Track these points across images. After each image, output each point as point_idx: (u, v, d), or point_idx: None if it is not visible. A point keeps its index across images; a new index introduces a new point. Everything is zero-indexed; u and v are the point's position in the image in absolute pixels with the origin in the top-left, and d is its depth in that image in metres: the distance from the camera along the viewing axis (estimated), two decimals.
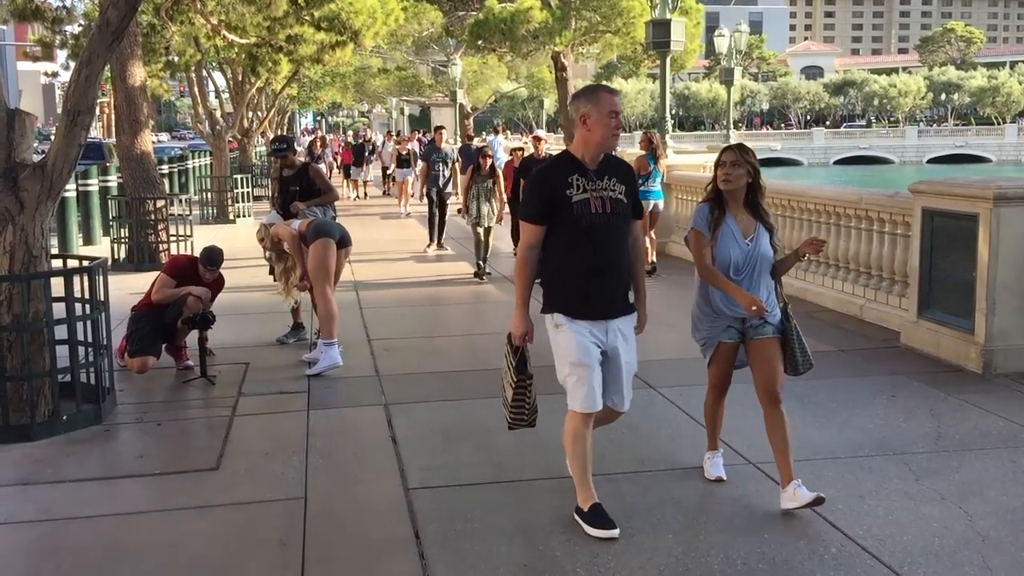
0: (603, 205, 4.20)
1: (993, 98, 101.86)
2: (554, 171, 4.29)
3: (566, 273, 4.27)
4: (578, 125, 4.22)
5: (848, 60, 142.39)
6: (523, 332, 4.39)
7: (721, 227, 4.62)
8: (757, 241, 4.64)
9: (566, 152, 4.34)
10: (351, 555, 4.27)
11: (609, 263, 4.27)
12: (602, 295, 4.28)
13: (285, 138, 9.12)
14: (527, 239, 4.31)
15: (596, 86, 4.36)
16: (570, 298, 4.29)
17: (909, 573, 3.97)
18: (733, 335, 4.75)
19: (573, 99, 4.29)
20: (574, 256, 4.24)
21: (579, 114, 4.20)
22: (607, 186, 4.25)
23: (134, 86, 13.64)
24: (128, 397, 6.79)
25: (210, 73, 25.09)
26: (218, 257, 7.61)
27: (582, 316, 4.27)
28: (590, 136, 4.21)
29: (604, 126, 4.17)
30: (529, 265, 4.32)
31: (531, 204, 4.29)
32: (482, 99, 48.96)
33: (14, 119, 5.99)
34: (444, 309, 10.60)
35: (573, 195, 4.18)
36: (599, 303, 4.28)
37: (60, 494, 5.03)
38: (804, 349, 4.73)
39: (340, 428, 6.11)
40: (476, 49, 30.66)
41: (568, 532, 4.39)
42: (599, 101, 4.19)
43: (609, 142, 4.22)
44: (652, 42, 15.34)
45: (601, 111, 4.16)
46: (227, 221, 20.25)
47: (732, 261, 4.59)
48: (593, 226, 4.20)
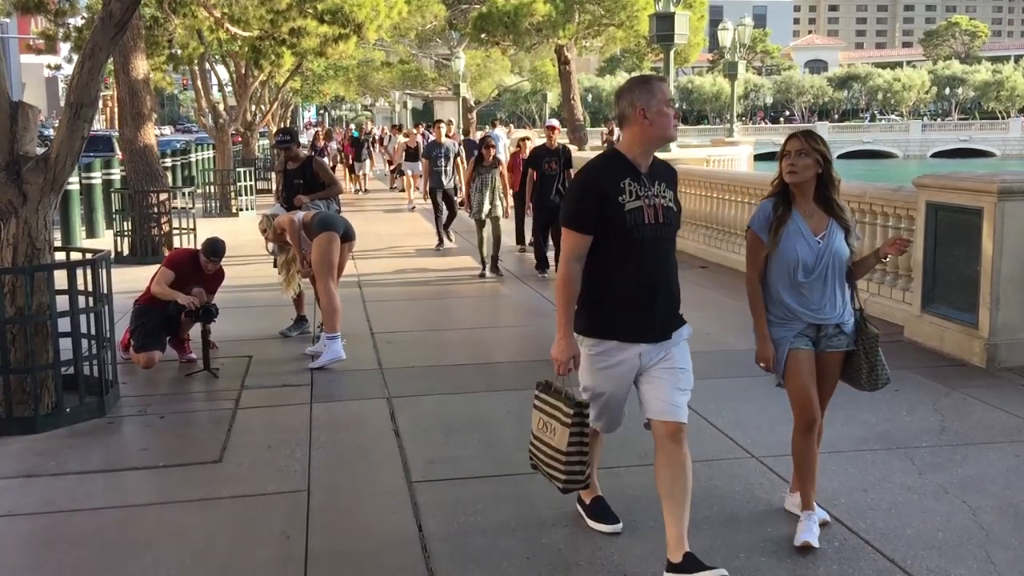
0: (656, 215, 3.74)
1: (997, 92, 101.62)
2: (605, 172, 3.78)
3: (609, 291, 3.78)
4: (632, 121, 3.74)
5: (852, 54, 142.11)
6: (569, 356, 3.80)
7: (786, 225, 4.14)
8: (830, 239, 4.16)
9: (614, 151, 3.85)
10: (354, 548, 4.27)
11: (660, 280, 3.79)
12: (650, 316, 3.78)
13: (289, 130, 9.11)
14: (571, 250, 3.75)
15: (645, 76, 3.91)
16: (611, 320, 3.79)
17: (912, 567, 3.97)
18: (808, 343, 4.20)
19: (623, 94, 3.79)
20: (621, 272, 3.74)
21: (634, 108, 3.72)
22: (658, 192, 3.78)
23: (137, 79, 13.63)
24: (131, 390, 6.80)
25: (213, 66, 25.09)
26: (220, 248, 7.60)
27: (627, 339, 3.78)
28: (651, 131, 3.73)
29: (665, 117, 3.73)
30: (574, 280, 3.76)
31: (579, 210, 3.73)
32: (485, 93, 48.94)
33: (17, 112, 5.99)
34: (447, 302, 10.60)
35: (626, 202, 3.69)
36: (647, 325, 3.78)
37: (63, 486, 5.04)
38: (875, 364, 4.26)
39: (343, 421, 6.11)
40: (479, 42, 30.68)
41: (571, 525, 4.39)
42: (655, 91, 3.73)
43: (671, 134, 3.79)
44: (656, 35, 15.32)
45: (660, 101, 3.72)
46: (230, 214, 20.25)
47: (800, 262, 4.12)
48: (646, 239, 3.72)
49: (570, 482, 3.87)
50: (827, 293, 4.16)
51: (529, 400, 6.36)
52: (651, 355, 3.81)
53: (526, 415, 6.05)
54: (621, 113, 3.80)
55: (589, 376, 3.90)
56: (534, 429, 3.98)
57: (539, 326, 9.05)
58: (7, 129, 5.93)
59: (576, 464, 3.79)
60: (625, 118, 3.78)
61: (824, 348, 4.22)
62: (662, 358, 3.82)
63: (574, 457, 3.79)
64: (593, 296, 3.79)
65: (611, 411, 3.99)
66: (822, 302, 4.16)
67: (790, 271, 4.13)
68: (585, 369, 3.88)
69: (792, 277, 4.13)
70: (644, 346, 3.79)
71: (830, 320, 4.18)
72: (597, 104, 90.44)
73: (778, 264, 4.15)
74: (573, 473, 3.83)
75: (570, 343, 3.79)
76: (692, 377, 3.89)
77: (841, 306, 4.19)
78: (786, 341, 4.18)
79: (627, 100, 3.76)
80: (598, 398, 3.93)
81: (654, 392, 3.82)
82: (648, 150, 3.79)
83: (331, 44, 17.29)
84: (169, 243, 13.76)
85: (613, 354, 3.81)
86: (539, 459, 3.98)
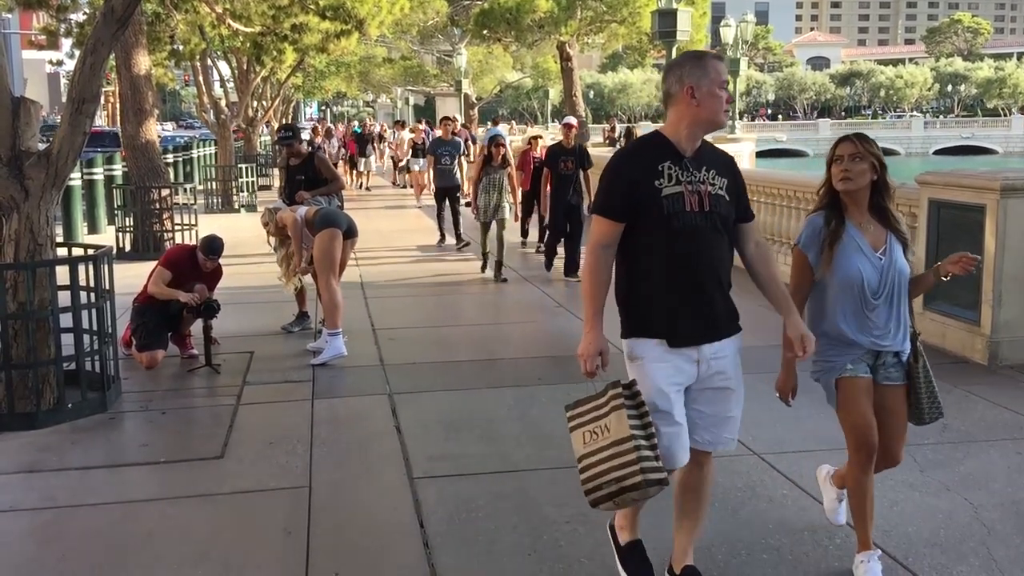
0: (700, 202, 3.34)
1: (1000, 89, 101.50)
2: (641, 155, 3.43)
3: (648, 287, 3.39)
4: (678, 100, 3.36)
5: (854, 51, 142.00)
6: (596, 352, 3.36)
7: (841, 240, 3.69)
8: (891, 254, 3.72)
9: (657, 133, 3.48)
10: (356, 543, 4.27)
11: (706, 274, 3.38)
12: (698, 315, 3.37)
13: (291, 126, 9.12)
14: (600, 237, 3.39)
15: (699, 53, 3.48)
16: (652, 320, 3.39)
17: (914, 564, 3.97)
18: (866, 369, 3.76)
19: (673, 69, 3.41)
20: (661, 265, 3.35)
21: (683, 86, 3.33)
22: (705, 178, 3.38)
23: (139, 75, 13.62)
24: (133, 385, 6.80)
25: (215, 62, 25.07)
26: (219, 246, 7.59)
27: (670, 343, 3.36)
28: (699, 112, 3.33)
29: (716, 99, 3.33)
30: (603, 267, 3.38)
31: (609, 194, 3.39)
32: (487, 89, 48.93)
33: (19, 107, 5.98)
34: (449, 299, 10.60)
35: (663, 187, 3.32)
36: (693, 326, 3.37)
37: (65, 482, 5.04)
38: (934, 394, 3.84)
39: (345, 417, 6.11)
40: (481, 39, 30.63)
41: (572, 522, 4.39)
42: (708, 69, 3.34)
43: (721, 119, 3.39)
44: (658, 32, 15.34)
45: (712, 81, 3.33)
46: (232, 210, 20.25)
47: (866, 282, 3.66)
48: (687, 228, 3.32)
49: (648, 471, 3.16)
50: (892, 316, 3.72)
51: (531, 397, 6.41)
52: (708, 363, 3.40)
53: (528, 412, 6.10)
54: (667, 91, 3.42)
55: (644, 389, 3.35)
56: (580, 451, 3.32)
57: (541, 322, 9.05)
58: (9, 125, 5.92)
59: (647, 449, 3.18)
60: (671, 96, 3.40)
61: (881, 380, 3.79)
62: (713, 371, 3.42)
63: (642, 440, 3.19)
64: (632, 292, 3.44)
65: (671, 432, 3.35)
66: (887, 326, 3.72)
67: (855, 292, 3.66)
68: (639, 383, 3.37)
69: (858, 300, 3.66)
70: (701, 349, 3.39)
71: (892, 347, 3.75)
72: (599, 101, 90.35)
73: (837, 286, 3.68)
74: (646, 459, 3.16)
75: (597, 337, 3.37)
76: (743, 394, 3.56)
77: (904, 331, 3.77)
78: (839, 366, 3.75)
79: (675, 76, 3.38)
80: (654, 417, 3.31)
81: (704, 420, 3.46)
82: (694, 133, 3.39)
83: (333, 40, 17.27)
84: (174, 238, 13.76)
85: (663, 357, 3.37)
86: (600, 477, 3.23)
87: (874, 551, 3.85)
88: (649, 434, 3.22)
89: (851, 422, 3.76)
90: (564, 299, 10.03)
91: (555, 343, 8.24)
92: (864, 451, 3.74)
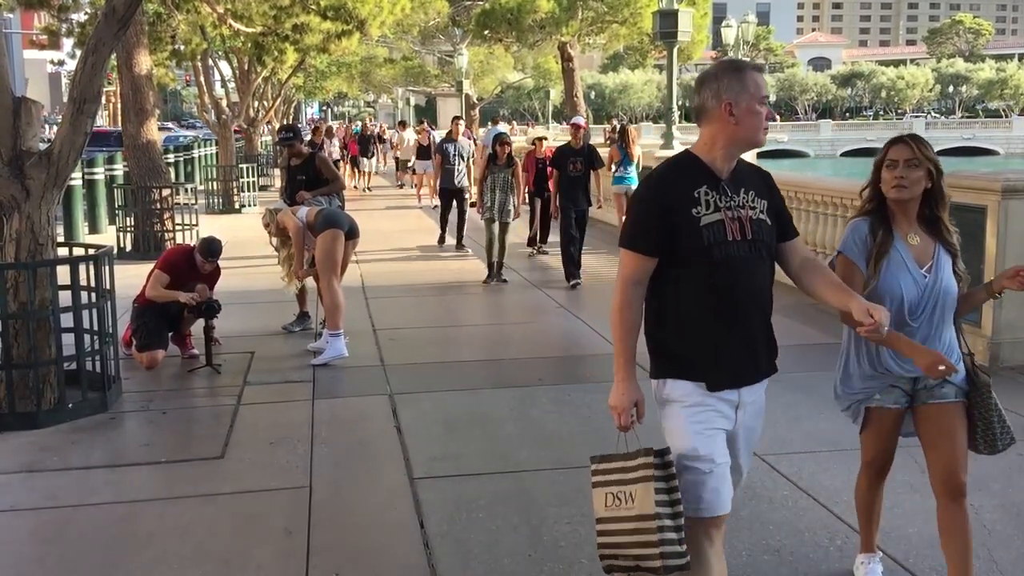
0: (742, 229, 3.01)
1: (1001, 90, 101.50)
2: (674, 180, 3.06)
3: (685, 323, 3.04)
4: (714, 117, 3.03)
5: (856, 52, 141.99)
6: (631, 404, 3.04)
7: (888, 254, 3.37)
8: (938, 271, 3.39)
9: (688, 154, 3.14)
10: (356, 544, 4.27)
11: (750, 308, 3.05)
12: (740, 354, 3.04)
13: (292, 127, 9.14)
14: (630, 272, 3.04)
15: (738, 64, 3.11)
16: (689, 360, 3.04)
17: (914, 565, 3.97)
18: (899, 398, 3.48)
19: (708, 82, 3.05)
20: (699, 299, 3.01)
21: (720, 102, 2.99)
22: (745, 202, 3.06)
23: (140, 74, 13.63)
24: (133, 385, 6.80)
25: (216, 62, 25.09)
26: (217, 248, 7.58)
27: (710, 385, 3.02)
28: (736, 131, 3.00)
29: (756, 116, 3.00)
30: (634, 307, 3.05)
31: (640, 226, 3.04)
32: (488, 89, 48.93)
33: (20, 107, 5.99)
34: (450, 299, 10.59)
35: (702, 215, 2.98)
36: (736, 366, 3.04)
37: (65, 481, 5.04)
38: (1003, 417, 3.48)
39: (345, 417, 6.11)
40: (482, 39, 30.67)
41: (573, 523, 4.39)
42: (748, 83, 3.00)
43: (760, 138, 3.05)
44: (659, 32, 15.31)
45: (753, 96, 2.99)
46: (233, 210, 20.26)
47: (905, 301, 3.34)
48: (730, 259, 2.98)
49: (668, 556, 2.87)
50: (932, 338, 3.38)
51: (532, 397, 6.41)
52: (746, 408, 3.10)
53: (528, 412, 6.10)
54: (701, 105, 3.07)
55: (679, 432, 3.04)
56: (601, 513, 3.04)
57: (542, 323, 9.05)
58: (10, 125, 5.93)
59: (671, 531, 2.88)
60: (705, 112, 3.06)
61: (925, 400, 3.45)
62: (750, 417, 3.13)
63: (667, 520, 2.88)
64: (665, 329, 3.09)
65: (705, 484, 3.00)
66: None
67: (892, 313, 3.23)
68: (672, 430, 3.07)
69: (893, 320, 3.22)
70: (741, 393, 3.06)
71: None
72: (600, 101, 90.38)
73: (875, 301, 3.22)
74: (668, 543, 2.87)
75: (630, 387, 3.04)
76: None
77: (948, 354, 3.37)
78: (868, 396, 3.48)
79: (711, 90, 3.03)
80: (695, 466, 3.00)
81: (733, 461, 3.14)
82: (731, 153, 3.06)
83: (334, 40, 17.28)
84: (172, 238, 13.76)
85: (702, 400, 3.03)
86: (618, 547, 3.00)
87: (876, 553, 3.81)
88: (676, 512, 2.92)
89: (872, 450, 3.62)
90: (565, 300, 10.02)
91: (556, 343, 8.25)
92: (875, 468, 3.66)
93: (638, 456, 2.96)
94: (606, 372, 3.34)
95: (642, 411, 3.07)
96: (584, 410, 6.08)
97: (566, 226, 10.95)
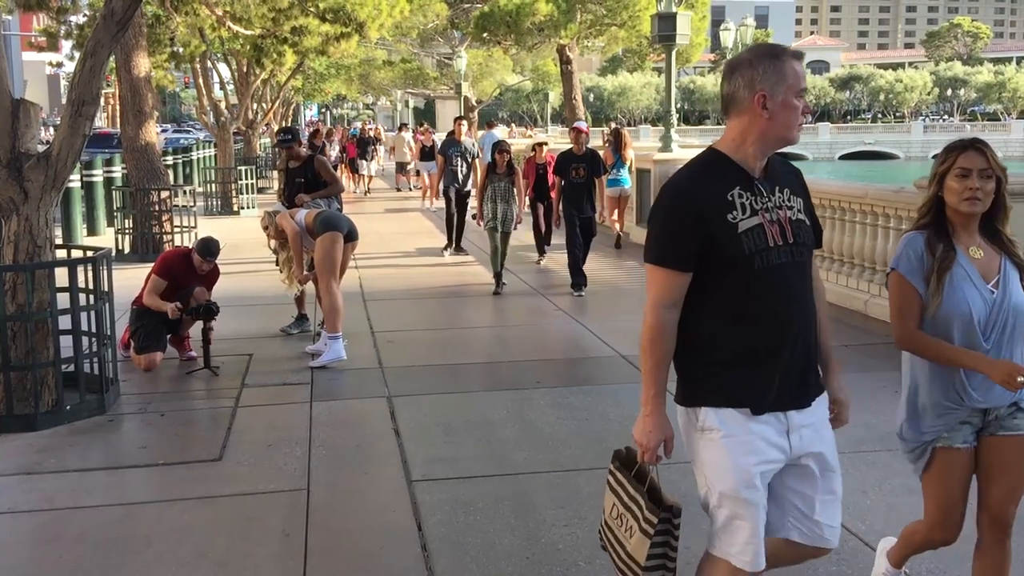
0: (782, 232, 2.70)
1: (999, 94, 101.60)
2: (704, 182, 2.71)
3: (722, 341, 2.72)
4: (744, 109, 2.70)
5: (854, 55, 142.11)
6: (660, 440, 2.76)
7: (951, 270, 3.04)
8: (1007, 287, 3.06)
9: (713, 151, 2.78)
10: (353, 546, 4.27)
11: (796, 319, 2.73)
12: (787, 372, 2.71)
13: (290, 129, 9.14)
14: (662, 293, 2.70)
15: (776, 50, 2.74)
16: (729, 382, 2.71)
17: (911, 568, 3.96)
18: (968, 435, 3.13)
19: (741, 69, 2.70)
20: (739, 312, 2.68)
21: (753, 92, 2.66)
22: (782, 202, 2.75)
23: (139, 77, 13.64)
24: (131, 387, 6.80)
25: (215, 64, 25.10)
26: (214, 247, 7.58)
27: (755, 409, 2.69)
28: (769, 126, 2.68)
29: (792, 111, 2.69)
30: (667, 334, 2.71)
31: (670, 238, 2.69)
32: (487, 92, 48.93)
33: (19, 109, 5.99)
34: (449, 301, 10.59)
35: (739, 220, 2.65)
36: (782, 387, 2.71)
37: (63, 484, 5.04)
38: None
39: (343, 420, 6.11)
40: (481, 41, 30.70)
41: (570, 525, 4.39)
42: (787, 73, 2.67)
43: (794, 135, 2.74)
44: (658, 35, 15.30)
45: (790, 89, 2.67)
46: (231, 213, 20.26)
47: (974, 319, 3.03)
48: (773, 267, 2.67)
49: None
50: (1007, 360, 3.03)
51: (529, 400, 6.41)
52: (802, 432, 2.76)
53: (526, 415, 6.11)
54: (731, 94, 2.72)
55: (721, 468, 2.71)
56: (606, 514, 2.95)
57: (539, 326, 9.06)
58: (9, 126, 5.93)
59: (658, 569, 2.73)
60: (736, 102, 2.71)
61: (994, 432, 3.12)
62: (813, 442, 2.81)
63: (655, 572, 2.74)
64: (698, 348, 2.75)
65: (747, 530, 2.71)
66: None
67: (962, 333, 3.02)
68: (710, 463, 2.74)
69: (964, 343, 3.01)
70: (790, 416, 2.73)
71: (1003, 401, 3.08)
72: (599, 104, 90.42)
73: (937, 323, 3.04)
74: None
75: (660, 421, 2.75)
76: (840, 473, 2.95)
77: None
78: (936, 434, 3.15)
79: (744, 78, 2.69)
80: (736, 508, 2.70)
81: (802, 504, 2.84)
82: (762, 150, 2.73)
83: (333, 43, 17.31)
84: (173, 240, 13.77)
85: (746, 428, 2.69)
86: (611, 550, 2.94)
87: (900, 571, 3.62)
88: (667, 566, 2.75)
89: (938, 499, 3.19)
90: (563, 304, 10.03)
91: (554, 346, 8.25)
92: (941, 534, 3.23)
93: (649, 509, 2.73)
94: (604, 375, 3.34)
95: (671, 447, 2.78)
96: (582, 413, 6.08)
97: (571, 234, 10.68)
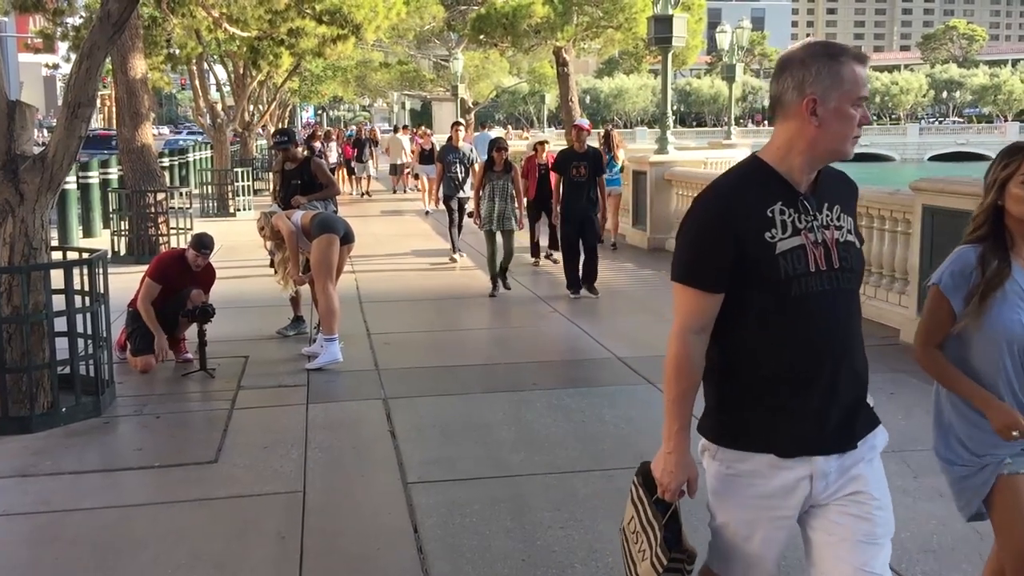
0: (827, 255, 2.39)
1: (995, 96, 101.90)
2: (741, 194, 2.40)
3: (750, 377, 2.44)
4: (791, 113, 2.37)
5: None
6: (684, 480, 2.48)
7: (1003, 287, 2.76)
8: None
9: (756, 160, 2.46)
10: (350, 548, 4.27)
11: (841, 356, 2.43)
12: (827, 413, 2.43)
13: (287, 131, 9.13)
14: (690, 316, 2.42)
15: (835, 49, 2.36)
16: (755, 424, 2.44)
17: (907, 570, 3.97)
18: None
19: (791, 67, 2.36)
20: (772, 345, 2.40)
21: (802, 95, 2.33)
22: (830, 221, 2.43)
23: (135, 78, 13.64)
24: (127, 390, 6.79)
25: (211, 66, 25.08)
26: (209, 241, 7.57)
27: (780, 452, 2.42)
28: (818, 136, 2.34)
29: (847, 121, 2.34)
30: (694, 363, 2.43)
31: (699, 254, 2.40)
32: (483, 94, 48.95)
33: (15, 111, 5.99)
34: (445, 304, 10.58)
35: (778, 240, 2.36)
36: (825, 429, 2.44)
37: (59, 486, 5.03)
38: None
39: (339, 422, 6.11)
40: (478, 44, 30.70)
41: (566, 527, 4.39)
42: (843, 77, 2.32)
43: (847, 149, 2.37)
44: (654, 38, 15.31)
45: (847, 95, 2.32)
46: (228, 214, 20.24)
47: (1020, 341, 2.78)
48: (812, 294, 2.37)
49: None
50: None
51: (526, 402, 6.41)
52: (829, 478, 2.47)
53: (523, 417, 6.11)
54: (778, 96, 2.40)
55: (726, 509, 2.52)
56: (624, 522, 2.73)
57: (536, 327, 9.05)
58: (4, 128, 5.92)
59: None
60: (782, 106, 2.39)
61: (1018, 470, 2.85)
62: (846, 485, 2.52)
63: None
64: (730, 384, 2.48)
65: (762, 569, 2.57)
66: None
67: (1014, 354, 2.78)
68: (720, 497, 2.52)
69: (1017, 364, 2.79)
70: (818, 462, 2.44)
71: None
72: (595, 106, 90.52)
73: (985, 343, 2.79)
74: None
75: (683, 460, 2.46)
76: (892, 517, 2.68)
77: None
78: (996, 460, 2.83)
79: (795, 79, 2.35)
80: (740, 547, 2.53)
81: (837, 551, 2.53)
82: (810, 163, 2.40)
83: (329, 45, 17.30)
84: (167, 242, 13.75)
85: (765, 476, 2.44)
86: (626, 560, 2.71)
87: None
88: None
89: (1017, 536, 2.80)
90: (564, 306, 10.03)
91: (550, 348, 8.25)
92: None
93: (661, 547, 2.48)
94: (600, 377, 3.34)
95: (694, 487, 2.51)
96: (578, 415, 6.08)
97: (567, 234, 10.49)
